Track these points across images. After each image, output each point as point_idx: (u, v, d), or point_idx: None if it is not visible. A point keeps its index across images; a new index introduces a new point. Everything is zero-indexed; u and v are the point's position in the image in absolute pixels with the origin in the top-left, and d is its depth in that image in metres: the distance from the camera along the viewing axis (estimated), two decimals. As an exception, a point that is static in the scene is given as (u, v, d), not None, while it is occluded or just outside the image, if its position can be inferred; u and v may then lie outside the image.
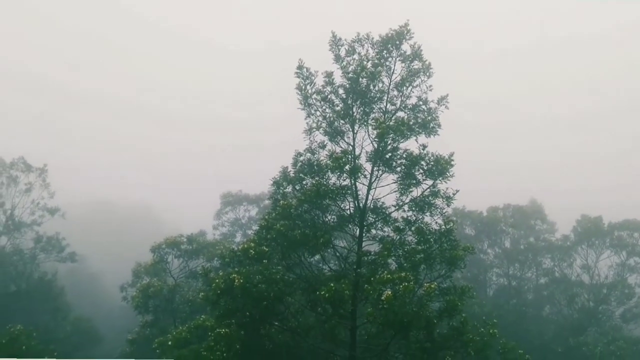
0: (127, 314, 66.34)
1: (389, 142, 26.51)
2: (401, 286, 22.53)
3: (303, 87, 28.21)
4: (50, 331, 53.92)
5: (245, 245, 28.03)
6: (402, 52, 27.34)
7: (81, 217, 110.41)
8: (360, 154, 27.53)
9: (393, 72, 27.49)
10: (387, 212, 27.65)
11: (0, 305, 56.71)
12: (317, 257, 29.66)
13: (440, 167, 26.00)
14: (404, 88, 27.47)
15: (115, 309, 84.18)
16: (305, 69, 28.06)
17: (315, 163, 27.98)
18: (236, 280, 25.52)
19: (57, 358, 36.19)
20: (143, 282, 48.09)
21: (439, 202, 27.03)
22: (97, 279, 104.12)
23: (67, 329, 60.15)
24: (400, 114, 27.70)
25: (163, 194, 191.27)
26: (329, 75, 27.67)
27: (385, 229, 27.93)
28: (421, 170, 26.49)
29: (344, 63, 27.63)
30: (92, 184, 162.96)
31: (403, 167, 26.75)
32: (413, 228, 26.96)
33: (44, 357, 34.24)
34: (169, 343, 32.49)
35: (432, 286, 23.88)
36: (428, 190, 26.81)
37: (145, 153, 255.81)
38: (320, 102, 28.27)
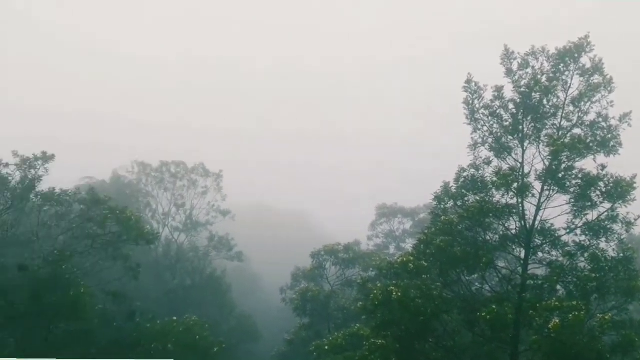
0: (284, 315, 69.82)
1: (563, 160, 24.95)
2: (571, 315, 21.04)
3: (470, 102, 27.74)
4: (217, 324, 58.58)
5: (404, 259, 28.12)
6: (581, 65, 25.66)
7: (245, 219, 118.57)
8: (529, 172, 26.25)
9: (570, 87, 25.91)
10: (556, 235, 25.95)
11: (178, 296, 63.14)
12: (477, 276, 28.74)
13: (620, 190, 23.84)
14: (582, 103, 25.71)
15: (272, 309, 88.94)
16: (473, 83, 27.58)
17: (479, 179, 27.26)
18: (394, 293, 25.71)
19: (224, 350, 39.32)
20: (302, 286, 50.39)
21: (616, 227, 24.80)
22: (258, 278, 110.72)
23: (232, 324, 64.89)
24: (577, 130, 25.97)
25: (318, 202, 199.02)
26: (498, 89, 26.88)
27: (554, 252, 26.23)
28: (598, 192, 24.50)
29: (516, 77, 26.65)
30: (255, 189, 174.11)
31: (577, 188, 24.94)
32: (586, 254, 24.99)
33: (214, 348, 37.46)
34: (326, 347, 33.62)
35: (606, 318, 21.98)
36: (605, 214, 24.72)
37: (303, 164, 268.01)
38: (487, 117, 27.54)
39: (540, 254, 26.35)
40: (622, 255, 24.49)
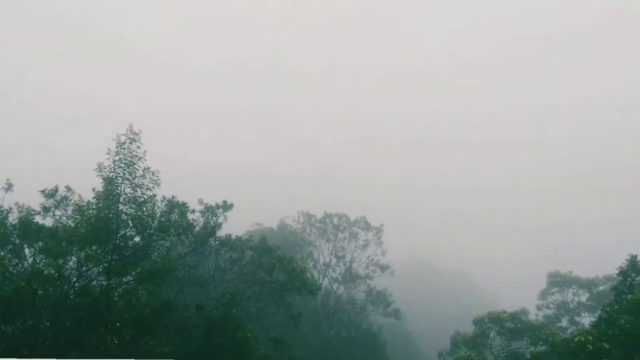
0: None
1: None
2: None
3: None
4: (371, 381, 57.65)
5: (582, 338, 25.63)
6: None
7: (403, 275, 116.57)
8: None
9: None
10: None
11: (333, 347, 63.47)
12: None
13: None
14: None
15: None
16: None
17: (678, 256, 24.04)
18: (571, 375, 23.30)
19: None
20: (462, 354, 47.74)
21: None
22: (413, 338, 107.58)
23: (386, 383, 63.35)
24: None
25: (479, 260, 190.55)
26: None
27: None
28: None
29: None
30: (413, 245, 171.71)
31: None
32: None
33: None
34: None
35: None
36: None
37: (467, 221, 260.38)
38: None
39: None
40: None
